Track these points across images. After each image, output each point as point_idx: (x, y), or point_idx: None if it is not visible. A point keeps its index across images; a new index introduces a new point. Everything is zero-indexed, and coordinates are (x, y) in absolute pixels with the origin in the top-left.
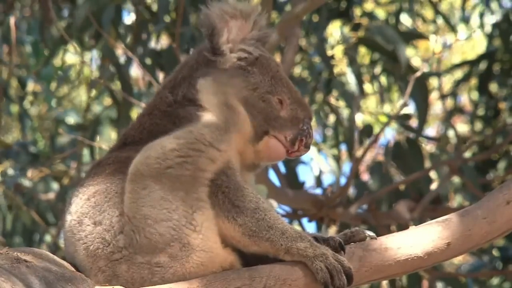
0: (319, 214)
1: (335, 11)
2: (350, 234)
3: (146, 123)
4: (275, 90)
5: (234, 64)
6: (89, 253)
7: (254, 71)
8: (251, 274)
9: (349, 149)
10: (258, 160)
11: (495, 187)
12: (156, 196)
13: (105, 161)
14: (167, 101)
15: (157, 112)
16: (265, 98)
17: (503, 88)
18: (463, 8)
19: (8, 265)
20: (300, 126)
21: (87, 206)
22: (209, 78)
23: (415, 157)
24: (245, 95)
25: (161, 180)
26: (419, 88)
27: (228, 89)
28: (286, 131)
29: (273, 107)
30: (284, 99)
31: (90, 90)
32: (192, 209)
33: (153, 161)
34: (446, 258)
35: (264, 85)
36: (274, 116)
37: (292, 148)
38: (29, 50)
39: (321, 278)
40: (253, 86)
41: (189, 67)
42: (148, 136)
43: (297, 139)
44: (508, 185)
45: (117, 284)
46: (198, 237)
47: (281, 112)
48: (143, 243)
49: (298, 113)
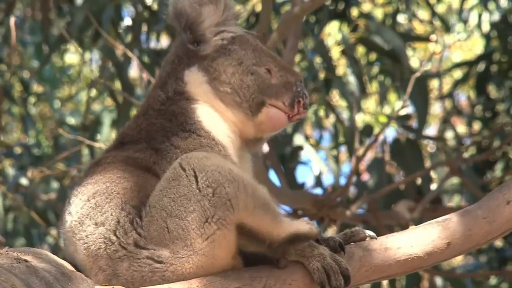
0: (319, 214)
1: (332, 12)
2: (350, 234)
3: (142, 124)
4: (260, 61)
5: (215, 47)
6: (90, 252)
7: (235, 48)
8: (251, 274)
9: (349, 149)
10: (261, 133)
11: (493, 189)
12: (182, 192)
13: (103, 160)
14: (160, 100)
15: (151, 111)
16: (252, 70)
17: (501, 89)
18: (461, 9)
19: (8, 265)
20: (294, 89)
21: (88, 207)
22: (193, 68)
23: (415, 157)
24: (232, 71)
25: (196, 181)
26: (419, 89)
27: (214, 73)
28: (283, 97)
29: (263, 77)
30: (271, 67)
31: (90, 90)
32: (207, 220)
33: (210, 167)
34: (446, 258)
35: (248, 58)
36: (266, 85)
37: (292, 111)
38: (30, 51)
39: (318, 278)
40: (237, 62)
41: (171, 62)
42: (146, 136)
43: (294, 101)
44: (508, 185)
45: (117, 284)
46: (203, 243)
47: (272, 80)
48: (154, 235)
49: (289, 78)
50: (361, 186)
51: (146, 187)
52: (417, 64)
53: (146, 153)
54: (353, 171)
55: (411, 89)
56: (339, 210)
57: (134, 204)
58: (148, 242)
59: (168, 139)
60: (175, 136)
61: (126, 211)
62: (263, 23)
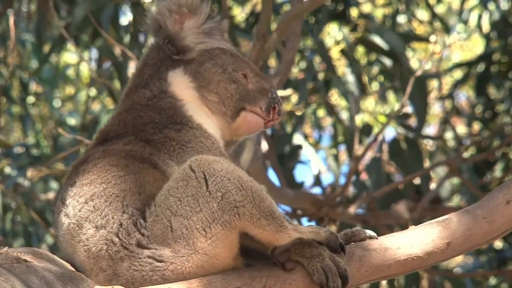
0: (319, 214)
1: (332, 13)
2: (350, 234)
3: (127, 118)
4: (238, 66)
5: (199, 51)
6: (91, 254)
7: (217, 53)
8: (251, 273)
9: (348, 148)
10: (237, 136)
11: (492, 189)
12: (189, 192)
13: (92, 156)
14: (146, 97)
15: (138, 106)
16: (234, 77)
17: (501, 90)
18: (461, 10)
19: (8, 265)
20: (270, 95)
21: (86, 210)
22: (178, 70)
23: (414, 156)
24: (218, 80)
25: (206, 184)
26: (419, 89)
27: (203, 81)
28: (260, 102)
29: (242, 83)
30: (247, 73)
31: (89, 89)
32: (213, 221)
33: (220, 172)
34: (446, 258)
35: (228, 64)
36: (245, 91)
37: (268, 117)
38: (29, 50)
39: (317, 279)
40: (222, 69)
41: (152, 65)
42: (133, 129)
43: (270, 107)
44: (508, 185)
45: (117, 284)
46: (205, 242)
47: (248, 85)
48: (157, 233)
49: (263, 84)
50: (360, 186)
51: (145, 186)
52: (417, 65)
53: (138, 144)
54: (352, 171)
55: (411, 89)
56: (339, 210)
57: (137, 207)
58: (151, 241)
59: (160, 131)
60: (167, 129)
61: (128, 214)
62: (262, 23)
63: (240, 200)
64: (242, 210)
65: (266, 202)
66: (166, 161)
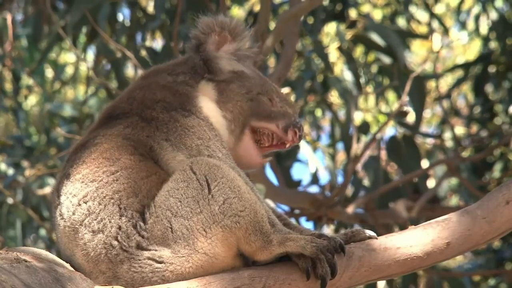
0: (317, 213)
1: (330, 13)
2: (351, 234)
3: (138, 95)
4: (265, 90)
5: (230, 72)
6: (89, 258)
7: (246, 76)
8: (251, 274)
9: (346, 147)
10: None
11: (491, 189)
12: (190, 193)
13: (91, 141)
14: (167, 80)
15: (154, 85)
16: (256, 98)
17: (499, 90)
18: (459, 10)
19: (8, 265)
20: (293, 119)
21: (80, 213)
22: (211, 84)
23: (412, 155)
24: (238, 99)
25: (209, 188)
26: (416, 87)
27: (225, 99)
28: (278, 121)
29: (264, 103)
30: (273, 97)
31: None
32: (213, 224)
33: (221, 179)
34: (445, 258)
35: (255, 87)
36: (267, 111)
37: (285, 136)
38: (24, 44)
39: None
40: (247, 90)
41: (191, 67)
42: (140, 106)
43: (289, 128)
44: (508, 185)
45: (117, 285)
46: (205, 242)
47: (272, 108)
48: (157, 235)
49: (288, 109)
50: (358, 184)
51: (140, 184)
52: (415, 64)
53: (137, 127)
54: (351, 170)
55: (409, 88)
56: (337, 209)
57: (136, 209)
58: (151, 242)
59: (167, 111)
60: (175, 111)
61: (127, 217)
62: (261, 23)
63: (242, 210)
64: (242, 220)
65: (258, 216)
66: (162, 142)
